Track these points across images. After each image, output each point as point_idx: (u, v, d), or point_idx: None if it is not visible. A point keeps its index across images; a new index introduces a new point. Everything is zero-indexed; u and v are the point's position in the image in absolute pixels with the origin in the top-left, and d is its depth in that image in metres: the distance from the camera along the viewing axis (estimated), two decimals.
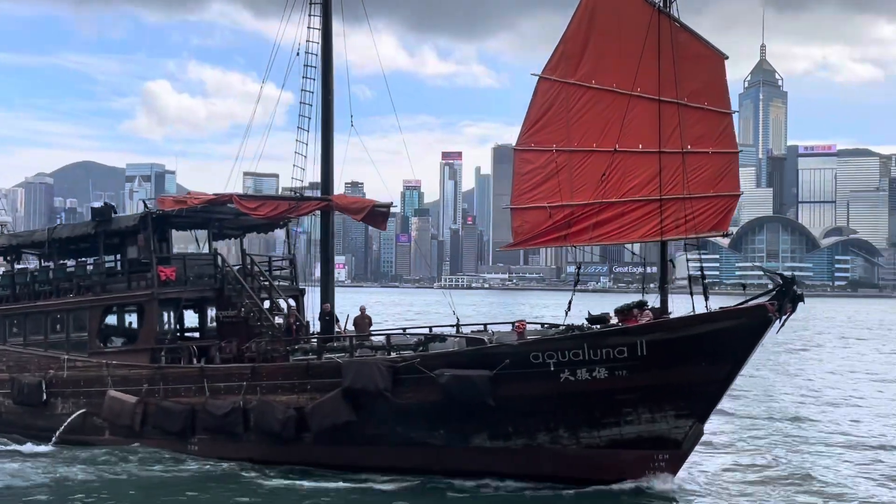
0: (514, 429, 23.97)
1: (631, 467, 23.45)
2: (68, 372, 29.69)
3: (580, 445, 23.74)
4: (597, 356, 22.85)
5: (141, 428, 27.77)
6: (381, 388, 23.96)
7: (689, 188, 23.46)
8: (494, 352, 23.38)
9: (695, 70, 23.60)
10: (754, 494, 22.99)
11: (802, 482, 24.09)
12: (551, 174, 25.16)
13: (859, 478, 24.86)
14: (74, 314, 30.63)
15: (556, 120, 25.13)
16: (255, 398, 25.91)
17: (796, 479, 24.41)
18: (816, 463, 26.59)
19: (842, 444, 29.97)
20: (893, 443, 30.34)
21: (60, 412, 29.80)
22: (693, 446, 23.80)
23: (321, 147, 29.41)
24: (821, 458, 27.51)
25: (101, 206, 30.79)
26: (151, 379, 27.87)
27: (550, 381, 23.16)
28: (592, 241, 24.92)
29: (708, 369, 22.75)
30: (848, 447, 29.37)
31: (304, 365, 25.55)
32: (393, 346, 25.15)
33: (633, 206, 24.31)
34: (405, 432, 24.53)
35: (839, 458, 27.47)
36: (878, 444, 29.86)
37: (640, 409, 23.26)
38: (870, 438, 31.05)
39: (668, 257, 24.34)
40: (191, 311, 33.43)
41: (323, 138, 29.34)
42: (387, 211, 29.01)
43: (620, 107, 24.39)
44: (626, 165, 24.34)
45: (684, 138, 23.43)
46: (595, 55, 24.71)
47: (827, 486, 23.75)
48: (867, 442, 30.40)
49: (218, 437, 26.51)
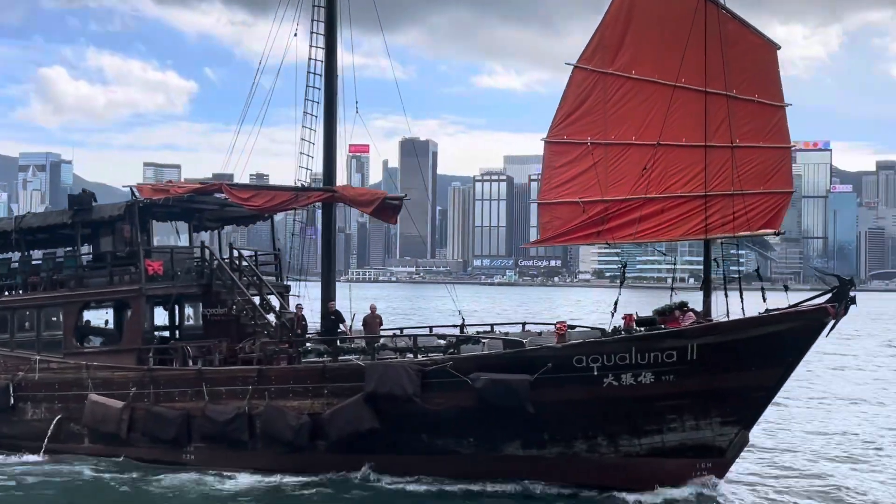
0: (549, 436, 22.48)
1: (671, 477, 22.19)
2: (41, 374, 26.94)
3: (619, 454, 22.38)
4: (644, 360, 21.50)
5: (128, 435, 25.32)
6: (409, 393, 22.15)
7: (738, 184, 22.23)
8: (535, 355, 21.82)
9: (744, 61, 22.38)
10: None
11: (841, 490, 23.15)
12: (586, 168, 23.71)
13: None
14: (47, 311, 27.87)
15: (592, 111, 23.65)
16: (262, 403, 23.79)
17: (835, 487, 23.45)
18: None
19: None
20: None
21: (30, 418, 27.08)
22: (737, 455, 22.69)
23: (324, 136, 27.34)
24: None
25: (79, 193, 27.99)
26: (140, 382, 25.42)
27: (593, 386, 21.73)
28: (629, 238, 23.54)
29: (758, 374, 21.64)
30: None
31: (320, 367, 23.53)
32: (420, 347, 23.32)
33: (674, 203, 22.99)
34: (431, 440, 22.79)
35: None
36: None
37: (685, 416, 22.03)
38: None
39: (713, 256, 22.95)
40: (159, 308, 30.74)
41: (325, 127, 27.27)
42: (399, 204, 27.03)
43: (662, 98, 23.02)
44: (667, 159, 22.99)
45: (733, 132, 22.19)
46: (634, 44, 23.29)
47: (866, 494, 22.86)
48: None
49: (218, 445, 24.28)
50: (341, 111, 26.98)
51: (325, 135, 27.29)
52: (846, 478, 24.31)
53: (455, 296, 28.46)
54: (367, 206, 26.84)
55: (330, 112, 27.27)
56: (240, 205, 27.84)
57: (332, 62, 27.35)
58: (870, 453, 27.89)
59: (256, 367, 24.26)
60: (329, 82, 27.27)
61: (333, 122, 27.27)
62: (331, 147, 27.32)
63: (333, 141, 27.33)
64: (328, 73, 27.29)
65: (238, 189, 27.83)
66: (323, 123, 27.26)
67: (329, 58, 27.33)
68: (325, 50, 27.35)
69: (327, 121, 27.25)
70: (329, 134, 27.27)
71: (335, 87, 27.30)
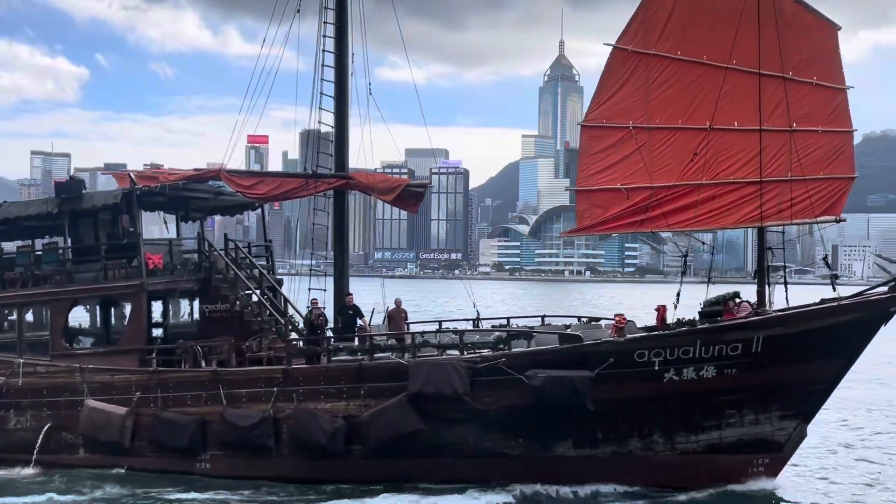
0: (603, 435, 21.25)
1: (727, 474, 21.24)
2: (25, 379, 24.31)
3: (674, 452, 21.30)
4: (708, 353, 20.46)
5: (131, 444, 23.03)
6: (459, 393, 20.59)
7: (796, 170, 21.33)
8: (596, 350, 20.51)
9: (801, 42, 21.47)
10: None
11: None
12: (629, 153, 22.48)
13: None
14: (31, 309, 25.23)
15: (634, 94, 22.35)
16: (289, 406, 21.88)
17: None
18: None
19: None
20: None
21: (13, 427, 24.46)
22: (794, 450, 21.85)
23: (335, 121, 25.40)
24: None
25: (68, 180, 25.37)
26: (146, 386, 23.13)
27: (653, 381, 20.60)
28: (679, 226, 22.44)
29: (820, 366, 20.84)
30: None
31: (356, 366, 21.72)
32: (466, 343, 21.73)
33: (725, 189, 21.92)
34: (477, 442, 21.28)
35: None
36: None
37: (745, 411, 21.10)
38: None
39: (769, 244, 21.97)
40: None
41: (337, 112, 25.34)
42: (423, 192, 25.28)
43: (712, 80, 21.91)
44: (717, 144, 21.90)
45: (790, 115, 21.27)
46: (681, 24, 22.10)
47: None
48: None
49: (239, 452, 22.25)
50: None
51: (337, 118, 25.36)
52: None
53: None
54: (386, 193, 24.96)
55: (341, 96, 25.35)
56: (242, 193, 25.74)
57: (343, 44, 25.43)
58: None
59: (282, 368, 22.30)
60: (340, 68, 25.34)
61: (345, 107, 25.35)
62: (342, 133, 25.40)
63: (345, 125, 25.42)
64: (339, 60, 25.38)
65: (239, 176, 25.68)
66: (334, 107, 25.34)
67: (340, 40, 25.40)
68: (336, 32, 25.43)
69: (338, 106, 25.33)
70: (340, 119, 25.33)
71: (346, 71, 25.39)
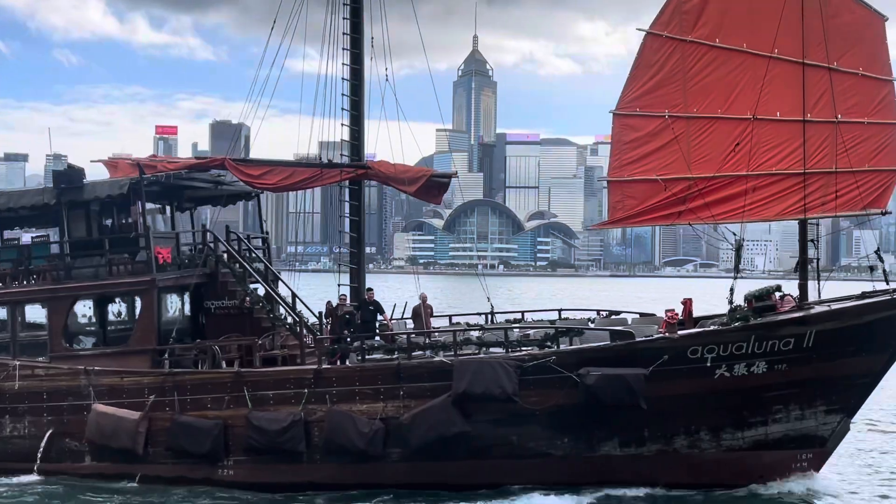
0: (650, 433, 20.57)
1: (771, 470, 20.82)
2: (22, 382, 22.41)
3: (720, 449, 20.76)
4: (760, 349, 19.94)
5: (145, 451, 21.43)
6: (509, 393, 19.63)
7: (841, 162, 20.98)
8: (651, 346, 19.80)
9: (846, 32, 21.12)
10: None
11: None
12: (665, 142, 21.84)
13: None
14: (27, 307, 23.31)
15: (669, 82, 21.73)
16: (321, 408, 20.61)
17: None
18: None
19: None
20: None
21: (9, 434, 22.57)
22: (837, 444, 21.53)
23: (350, 105, 24.14)
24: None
25: (67, 169, 23.47)
26: (160, 388, 21.54)
27: (704, 378, 20.00)
28: (717, 218, 21.86)
29: (867, 360, 20.54)
30: None
31: (394, 366, 20.56)
32: (512, 341, 20.76)
33: (767, 181, 21.49)
34: (522, 442, 20.37)
35: None
36: None
37: (792, 406, 20.67)
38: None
39: None
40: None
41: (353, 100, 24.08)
42: (447, 182, 24.12)
43: (752, 69, 21.43)
44: (758, 135, 21.43)
45: (835, 106, 20.90)
46: (719, 11, 21.56)
47: None
48: None
49: (265, 458, 20.88)
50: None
51: (353, 107, 24.10)
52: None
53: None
54: (409, 184, 23.67)
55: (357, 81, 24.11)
56: (250, 183, 24.28)
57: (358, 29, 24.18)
58: None
59: (313, 368, 20.99)
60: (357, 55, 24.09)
61: (361, 91, 24.11)
62: (359, 120, 24.15)
63: (361, 111, 24.16)
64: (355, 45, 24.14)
65: (247, 165, 24.21)
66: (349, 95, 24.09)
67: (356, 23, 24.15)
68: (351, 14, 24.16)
69: (355, 89, 24.08)
70: (357, 105, 24.08)
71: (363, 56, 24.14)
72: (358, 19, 24.19)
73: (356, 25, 24.19)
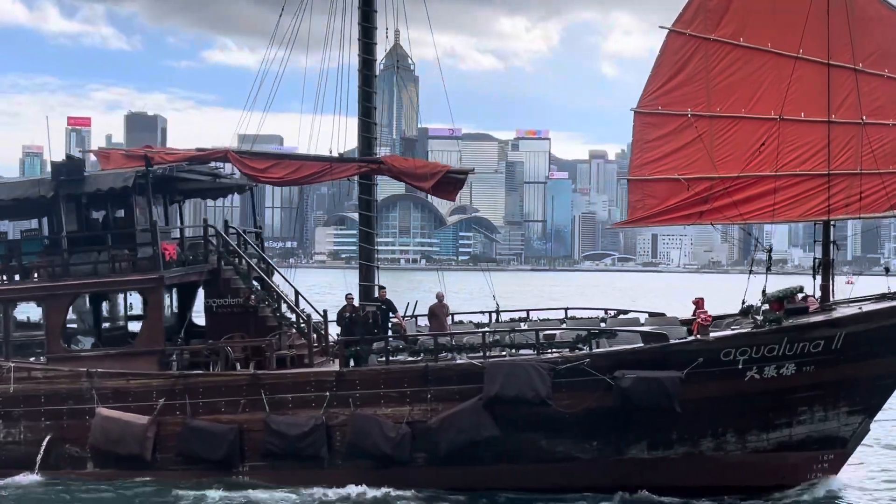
0: (678, 436, 20.16)
1: (794, 471, 20.64)
2: (17, 385, 20.91)
3: (745, 450, 20.47)
4: (791, 351, 19.69)
5: (153, 456, 20.20)
6: (542, 397, 18.98)
7: (872, 163, 20.84)
8: (686, 349, 19.36)
9: (872, 33, 20.97)
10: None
11: None
12: (687, 141, 21.48)
13: None
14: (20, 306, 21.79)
15: (692, 81, 21.50)
16: (344, 412, 19.68)
17: None
18: None
19: None
20: None
21: (2, 440, 21.05)
22: (858, 445, 21.44)
23: (360, 99, 23.14)
24: None
25: (66, 160, 21.92)
26: (170, 391, 20.31)
27: (735, 380, 19.68)
28: (739, 219, 21.58)
29: (891, 361, 20.47)
30: None
31: (422, 368, 19.72)
32: (543, 343, 20.10)
33: (791, 181, 21.25)
34: (550, 447, 19.78)
35: None
36: None
37: (816, 408, 20.48)
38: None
39: None
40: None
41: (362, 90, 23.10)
42: (464, 178, 23.19)
43: (776, 69, 21.20)
44: (783, 135, 21.20)
45: (861, 108, 20.76)
46: (742, 10, 21.32)
47: None
48: None
49: (284, 463, 19.85)
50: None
51: (362, 97, 23.13)
52: None
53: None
54: (424, 180, 22.69)
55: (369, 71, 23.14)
56: (253, 177, 23.13)
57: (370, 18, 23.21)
58: None
59: (335, 370, 20.04)
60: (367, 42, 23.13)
61: (372, 84, 23.15)
62: (369, 112, 23.16)
63: (372, 104, 23.19)
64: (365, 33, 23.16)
65: (251, 158, 23.08)
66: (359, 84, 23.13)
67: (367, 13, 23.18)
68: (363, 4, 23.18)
69: (367, 81, 23.12)
70: (368, 97, 23.11)
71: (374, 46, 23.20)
72: (369, 8, 23.17)
73: (367, 15, 23.17)
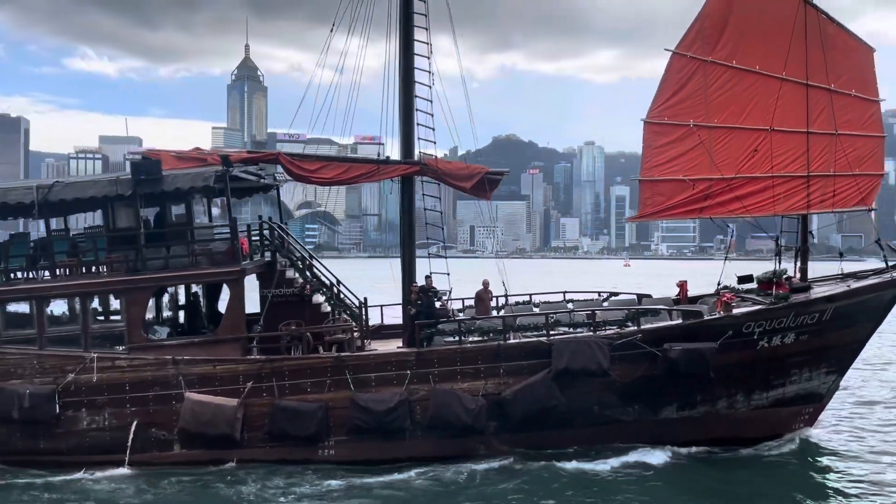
0: (701, 398, 22.44)
1: (784, 423, 23.38)
2: (101, 374, 20.82)
3: (749, 408, 22.98)
4: (794, 323, 22.30)
5: (241, 436, 20.65)
6: (604, 368, 20.77)
7: (836, 167, 23.72)
8: (718, 323, 21.60)
9: (842, 60, 23.87)
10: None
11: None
12: (690, 147, 23.79)
13: None
14: (101, 297, 21.60)
15: (693, 96, 23.90)
16: (424, 388, 20.82)
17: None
18: None
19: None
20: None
21: (85, 427, 20.95)
22: (830, 399, 24.32)
23: (402, 105, 23.99)
24: None
25: (143, 159, 21.78)
26: (258, 375, 20.79)
27: (750, 349, 22.18)
28: (734, 213, 24.07)
29: (860, 329, 23.47)
30: None
31: (495, 346, 21.06)
32: (598, 321, 21.83)
33: (778, 181, 23.90)
34: (601, 411, 21.63)
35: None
36: None
37: (804, 370, 23.24)
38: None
39: None
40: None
41: (404, 97, 23.97)
42: (500, 179, 24.43)
43: (763, 88, 23.86)
44: (772, 143, 23.84)
45: (835, 121, 23.59)
46: (736, 36, 23.80)
47: None
48: None
49: (368, 436, 20.75)
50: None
51: (404, 100, 23.98)
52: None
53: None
54: (465, 180, 23.92)
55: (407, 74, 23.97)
56: (304, 178, 23.75)
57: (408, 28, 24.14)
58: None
59: (414, 350, 21.10)
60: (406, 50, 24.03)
61: (411, 87, 23.99)
62: (409, 116, 24.09)
63: (412, 106, 24.05)
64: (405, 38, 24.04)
65: (302, 160, 23.72)
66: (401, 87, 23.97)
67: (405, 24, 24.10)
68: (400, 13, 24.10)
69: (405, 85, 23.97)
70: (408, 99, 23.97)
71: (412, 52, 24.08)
72: (409, 23, 24.05)
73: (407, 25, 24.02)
